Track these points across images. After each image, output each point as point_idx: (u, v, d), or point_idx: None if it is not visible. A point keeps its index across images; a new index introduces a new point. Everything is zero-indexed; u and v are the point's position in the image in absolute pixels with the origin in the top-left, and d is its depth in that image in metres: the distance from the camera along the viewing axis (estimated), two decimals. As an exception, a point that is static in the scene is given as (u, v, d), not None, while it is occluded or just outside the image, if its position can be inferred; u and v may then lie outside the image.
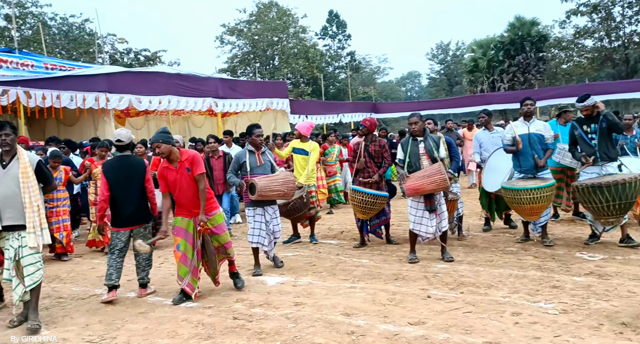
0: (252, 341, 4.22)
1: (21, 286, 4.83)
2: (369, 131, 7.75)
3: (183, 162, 5.37)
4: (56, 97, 14.51)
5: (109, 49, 34.28)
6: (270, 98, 19.90)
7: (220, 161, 9.21)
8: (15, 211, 4.75)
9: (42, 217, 4.83)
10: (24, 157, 4.87)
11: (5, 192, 4.74)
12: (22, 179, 4.77)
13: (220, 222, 5.59)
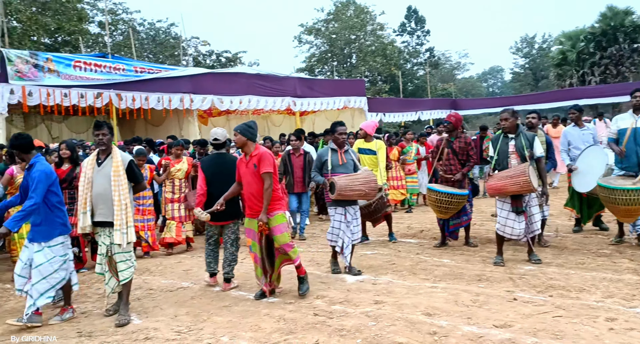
0: (333, 337, 4.22)
1: (114, 280, 5.07)
2: (454, 127, 7.44)
3: (253, 157, 5.32)
4: (145, 99, 15.27)
5: (193, 52, 35.63)
6: (347, 96, 19.92)
7: (301, 159, 9.03)
8: (106, 208, 4.94)
9: (129, 215, 4.97)
10: (117, 157, 5.04)
11: (99, 190, 4.95)
12: (114, 178, 4.94)
13: (278, 222, 5.35)
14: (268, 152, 5.37)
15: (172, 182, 8.40)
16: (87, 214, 4.95)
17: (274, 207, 5.36)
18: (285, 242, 5.35)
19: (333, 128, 6.43)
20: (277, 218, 5.36)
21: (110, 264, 5.05)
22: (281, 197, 5.51)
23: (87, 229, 4.99)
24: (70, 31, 24.70)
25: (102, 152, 5.09)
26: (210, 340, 4.30)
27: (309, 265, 6.93)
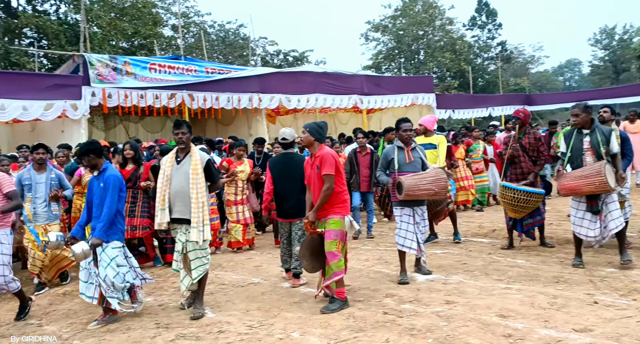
0: (403, 336, 4.16)
1: (188, 278, 5.11)
2: (523, 123, 7.16)
3: (316, 158, 5.19)
4: (215, 99, 15.68)
5: (261, 52, 36.28)
6: (415, 93, 19.64)
7: (367, 158, 8.88)
8: (183, 205, 5.01)
9: (205, 214, 5.01)
10: (196, 155, 5.11)
11: (177, 187, 5.04)
12: (192, 176, 5.00)
13: (332, 227, 5.06)
14: (331, 154, 5.16)
15: (235, 183, 8.25)
16: (166, 210, 5.05)
17: (332, 211, 5.12)
18: (330, 250, 5.02)
19: (397, 125, 6.20)
20: (332, 223, 5.08)
21: (185, 261, 5.10)
22: (345, 200, 5.22)
23: (164, 226, 5.09)
24: (146, 35, 25.75)
25: (181, 151, 5.19)
26: (281, 335, 4.35)
27: (377, 263, 6.89)
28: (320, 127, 5.33)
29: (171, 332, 4.60)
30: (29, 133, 15.34)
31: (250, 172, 8.36)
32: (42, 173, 6.50)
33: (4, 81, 12.57)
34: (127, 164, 7.28)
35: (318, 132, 5.28)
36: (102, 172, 5.10)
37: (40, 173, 6.52)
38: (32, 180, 6.46)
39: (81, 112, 13.41)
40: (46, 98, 12.89)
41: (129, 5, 26.93)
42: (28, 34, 23.69)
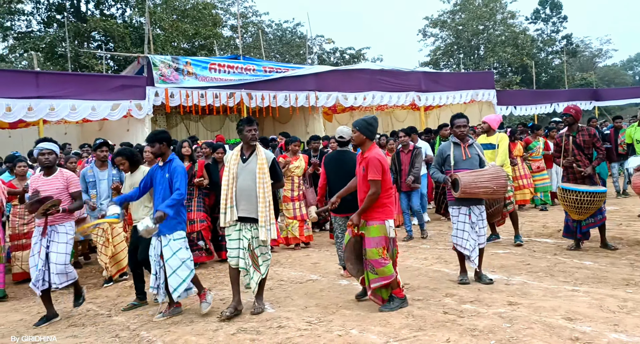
0: (464, 337, 4.08)
1: (257, 274, 5.02)
2: (574, 120, 6.84)
3: (364, 158, 5.04)
4: (273, 97, 15.88)
5: (317, 50, 36.44)
6: (475, 90, 19.23)
7: (409, 156, 8.64)
8: (249, 204, 4.96)
9: (271, 212, 5.00)
10: (262, 154, 5.07)
11: (243, 185, 4.98)
12: (259, 174, 4.97)
13: (372, 235, 4.93)
14: (378, 158, 4.96)
15: (291, 180, 8.34)
16: (234, 208, 4.98)
17: (371, 216, 4.97)
18: (373, 258, 4.89)
19: (451, 121, 5.99)
20: (373, 230, 4.95)
21: (253, 258, 5.04)
22: (385, 203, 5.02)
23: (230, 224, 5.01)
24: (206, 36, 26.36)
25: (246, 149, 5.13)
26: (340, 332, 4.35)
27: (436, 262, 6.79)
28: (369, 124, 5.12)
29: (232, 326, 4.69)
30: (97, 132, 16.02)
31: (305, 168, 8.44)
32: (104, 170, 6.81)
33: (74, 83, 13.19)
34: (183, 161, 7.46)
35: (369, 129, 5.10)
36: (167, 163, 5.18)
37: (103, 170, 6.84)
38: (96, 177, 6.77)
39: (145, 112, 13.90)
40: (113, 98, 13.45)
41: (190, 7, 27.64)
42: (96, 37, 24.73)
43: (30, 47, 22.94)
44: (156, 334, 4.68)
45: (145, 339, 4.59)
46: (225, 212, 5.00)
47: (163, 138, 5.23)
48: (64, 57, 21.71)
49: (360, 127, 5.08)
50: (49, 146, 5.51)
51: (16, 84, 12.27)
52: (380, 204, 4.97)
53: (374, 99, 17.18)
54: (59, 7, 24.77)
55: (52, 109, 12.53)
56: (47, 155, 5.45)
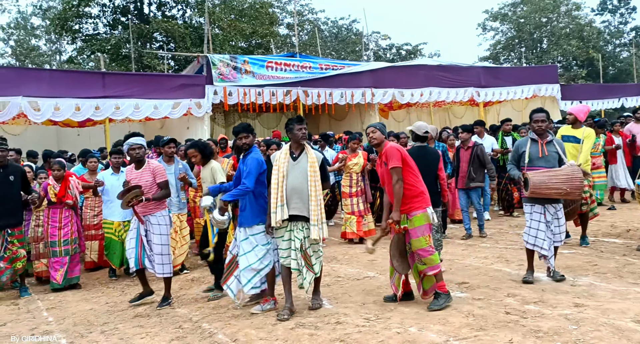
0: (528, 338, 3.96)
1: (310, 274, 4.97)
2: None
3: (382, 154, 5.07)
4: (329, 95, 15.92)
5: (373, 46, 36.24)
6: (537, 84, 18.61)
7: (469, 153, 8.45)
8: (300, 202, 4.93)
9: (322, 211, 4.99)
10: (311, 153, 5.07)
11: (294, 184, 4.95)
12: (310, 173, 4.95)
13: (417, 224, 4.93)
14: (395, 147, 5.06)
15: (350, 176, 8.43)
16: (285, 207, 4.93)
17: (413, 206, 4.97)
18: (421, 247, 4.90)
19: (530, 116, 5.72)
20: (417, 219, 4.94)
21: (305, 257, 4.99)
22: (421, 192, 5.03)
23: (280, 223, 4.96)
24: (263, 34, 26.69)
25: (295, 147, 5.10)
26: (399, 329, 4.31)
27: (497, 261, 6.62)
28: (383, 125, 5.28)
29: (291, 321, 4.74)
30: (159, 130, 16.55)
31: (364, 165, 8.45)
32: (170, 165, 7.10)
33: (138, 83, 13.67)
34: None
35: (385, 131, 5.24)
36: (247, 155, 5.30)
37: (170, 165, 7.14)
38: None
39: (204, 110, 14.24)
40: (174, 97, 13.85)
41: (247, 6, 28.05)
42: (158, 38, 25.49)
43: (96, 49, 23.89)
44: (217, 326, 4.79)
45: (207, 331, 4.70)
46: (275, 212, 4.93)
47: (249, 129, 5.45)
48: (128, 58, 22.52)
49: (380, 127, 5.16)
50: (138, 140, 5.77)
51: (84, 84, 12.83)
52: (417, 193, 5.00)
53: (431, 95, 16.93)
54: (123, 9, 25.69)
55: (117, 108, 13.04)
56: (137, 149, 5.74)
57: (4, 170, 6.47)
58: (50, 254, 6.84)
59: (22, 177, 6.65)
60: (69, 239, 6.90)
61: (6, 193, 6.39)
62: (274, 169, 5.05)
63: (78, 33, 25.57)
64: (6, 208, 6.38)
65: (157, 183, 5.72)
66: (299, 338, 4.33)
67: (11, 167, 6.59)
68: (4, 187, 6.40)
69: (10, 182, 6.46)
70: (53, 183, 6.92)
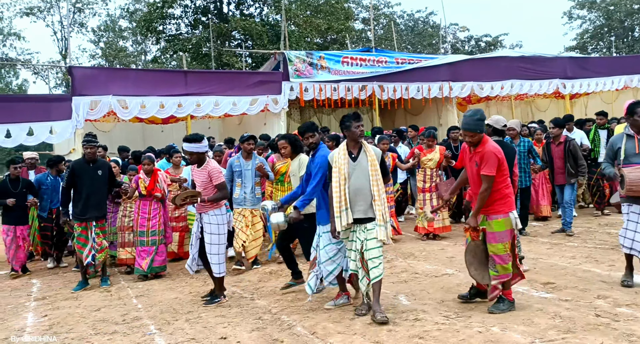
0: (620, 342, 3.73)
1: (366, 279, 4.76)
2: None
3: (476, 152, 4.71)
4: (405, 89, 15.72)
5: (451, 39, 35.39)
6: (629, 75, 17.50)
7: (561, 148, 8.11)
8: (364, 203, 4.72)
9: (387, 210, 4.79)
10: (371, 150, 4.84)
11: (357, 185, 4.73)
12: (371, 172, 4.74)
13: (497, 229, 4.63)
14: (494, 152, 4.60)
15: (424, 171, 8.38)
16: (349, 211, 4.69)
17: (496, 209, 4.65)
18: (498, 253, 4.60)
19: (632, 109, 5.18)
20: (497, 224, 4.63)
21: (363, 260, 4.76)
22: (507, 195, 4.68)
23: (345, 228, 4.74)
24: (338, 30, 26.74)
25: (352, 146, 4.85)
26: (480, 329, 4.19)
27: (586, 262, 6.29)
28: (479, 119, 4.70)
29: (369, 315, 4.71)
30: (237, 126, 16.99)
31: (440, 160, 8.30)
32: (249, 161, 7.24)
33: (217, 80, 14.08)
34: None
35: (477, 124, 4.69)
36: (315, 154, 5.36)
37: (248, 161, 7.27)
38: (242, 167, 7.24)
39: (281, 106, 14.46)
40: (251, 94, 14.17)
41: (323, 2, 28.19)
42: (236, 36, 26.14)
43: (179, 49, 24.85)
44: (295, 319, 4.86)
45: (286, 323, 4.77)
46: (339, 216, 4.69)
47: (311, 128, 5.48)
48: (208, 57, 23.26)
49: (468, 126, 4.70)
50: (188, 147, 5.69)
51: (168, 83, 13.38)
52: (502, 195, 4.67)
53: (513, 88, 16.33)
54: (204, 9, 26.54)
55: (198, 105, 13.50)
56: (189, 155, 5.80)
57: (93, 165, 6.81)
58: (138, 243, 7.16)
59: (109, 172, 7.00)
60: (157, 230, 7.20)
61: (94, 187, 6.75)
62: (334, 171, 4.81)
63: (162, 34, 26.68)
64: (94, 201, 6.73)
65: (215, 185, 5.66)
66: (377, 333, 4.30)
67: (99, 162, 6.95)
68: (93, 181, 6.75)
69: (98, 177, 6.81)
70: (143, 177, 7.24)
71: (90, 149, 6.77)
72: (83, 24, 32.92)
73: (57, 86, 32.10)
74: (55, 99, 13.45)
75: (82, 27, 32.99)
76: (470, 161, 4.81)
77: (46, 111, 12.11)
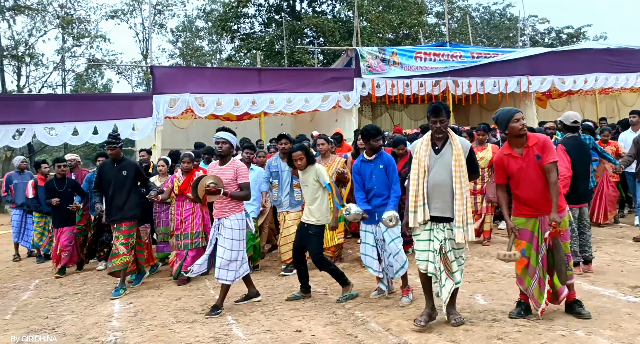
0: None
1: (450, 282, 4.34)
2: None
3: (531, 147, 4.36)
4: (480, 84, 15.33)
5: (529, 31, 34.09)
6: None
7: None
8: (442, 201, 4.36)
9: (469, 211, 4.36)
10: (456, 143, 4.41)
11: (436, 180, 4.38)
12: (455, 168, 4.32)
13: (565, 227, 4.44)
14: (548, 138, 4.47)
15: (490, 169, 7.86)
16: (425, 207, 4.37)
17: (562, 206, 4.42)
18: (566, 252, 4.45)
19: None
20: (563, 221, 4.39)
21: (445, 262, 4.38)
22: (560, 192, 4.43)
23: (420, 224, 4.43)
24: (411, 25, 26.39)
25: (437, 139, 4.46)
26: (564, 332, 4.01)
27: (680, 266, 5.89)
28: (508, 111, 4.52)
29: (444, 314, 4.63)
30: (308, 123, 17.15)
31: (491, 160, 7.83)
32: (286, 161, 6.68)
33: (290, 77, 14.29)
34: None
35: None
36: (379, 157, 5.26)
37: (285, 162, 6.78)
38: (279, 168, 6.95)
39: (352, 102, 14.48)
40: (323, 90, 14.27)
41: (395, -3, 27.94)
42: (308, 34, 26.37)
43: (252, 47, 25.37)
44: (369, 315, 4.84)
45: (360, 318, 4.77)
46: (415, 211, 4.41)
47: (380, 132, 5.36)
48: (281, 54, 23.61)
49: None
50: (224, 135, 5.48)
51: (242, 80, 13.71)
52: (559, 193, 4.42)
53: (597, 82, 15.58)
54: (277, 8, 26.95)
55: (272, 102, 13.75)
56: (221, 144, 5.46)
57: (117, 165, 6.50)
58: (175, 246, 6.86)
59: (135, 172, 6.58)
60: (189, 233, 6.79)
61: (118, 187, 6.41)
62: (413, 163, 4.51)
63: (236, 33, 27.33)
64: (118, 202, 6.39)
65: (239, 184, 5.39)
66: (453, 332, 4.22)
67: (125, 163, 6.57)
68: (117, 181, 6.42)
69: (123, 177, 6.45)
70: (179, 176, 6.88)
71: (112, 150, 6.48)
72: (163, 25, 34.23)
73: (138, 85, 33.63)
74: (137, 97, 14.11)
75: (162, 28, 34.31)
76: (524, 161, 4.38)
77: (129, 108, 12.74)
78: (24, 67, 26.22)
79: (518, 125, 4.36)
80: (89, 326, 5.12)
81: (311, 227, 5.55)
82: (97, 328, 5.05)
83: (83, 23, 27.75)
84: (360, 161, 5.42)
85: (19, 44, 25.93)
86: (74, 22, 26.89)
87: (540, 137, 4.44)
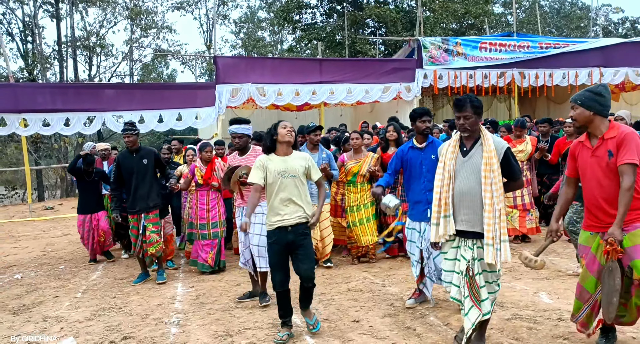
0: None
1: (476, 311, 3.59)
2: None
3: (606, 140, 3.51)
4: (548, 76, 14.81)
5: (602, 21, 32.51)
6: None
7: None
8: (472, 213, 3.62)
9: (503, 225, 3.54)
10: (489, 143, 3.61)
11: (462, 187, 3.65)
12: (485, 173, 3.54)
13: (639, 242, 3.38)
14: (635, 134, 3.46)
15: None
16: (450, 218, 3.68)
17: (634, 218, 3.43)
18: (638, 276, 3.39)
19: None
20: (639, 235, 3.39)
21: (472, 286, 3.62)
22: None
23: (442, 239, 3.75)
24: (476, 14, 25.69)
25: (466, 139, 3.72)
26: (635, 335, 3.81)
27: None
28: (597, 93, 3.57)
29: (507, 311, 4.52)
30: (368, 114, 17.07)
31: (531, 152, 7.51)
32: (315, 153, 6.64)
33: (351, 68, 14.24)
34: (389, 148, 6.86)
35: (597, 102, 3.54)
36: (430, 145, 4.82)
37: (314, 153, 6.65)
38: None
39: (413, 94, 14.31)
40: (384, 81, 14.16)
41: (461, -14, 27.26)
42: (370, 24, 26.16)
43: (314, 37, 25.43)
44: (428, 308, 4.79)
45: (419, 311, 4.72)
46: (438, 223, 3.73)
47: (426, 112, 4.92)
48: (342, 45, 23.54)
49: (583, 100, 3.57)
50: (239, 129, 5.37)
51: (303, 71, 13.80)
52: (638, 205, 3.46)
53: (675, 74, 14.68)
54: (339, -2, 26.92)
55: (332, 92, 13.77)
56: (238, 139, 5.40)
57: (136, 154, 6.37)
58: (199, 237, 6.64)
59: (155, 160, 6.45)
60: (217, 221, 6.66)
61: (140, 177, 6.31)
62: (438, 167, 3.81)
63: (298, 23, 27.47)
64: (142, 192, 6.30)
65: None
66: (516, 329, 4.11)
67: (144, 151, 6.43)
68: (139, 171, 6.31)
69: (144, 166, 6.34)
70: (200, 165, 6.68)
71: (128, 138, 6.31)
72: (226, 16, 34.83)
73: (201, 75, 34.43)
74: (201, 86, 14.48)
75: (225, 19, 34.92)
76: (593, 155, 3.57)
77: (192, 98, 13.08)
78: (95, 57, 27.33)
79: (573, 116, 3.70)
80: (154, 307, 5.31)
81: None
82: (160, 309, 5.23)
83: (150, 14, 28.63)
84: (408, 147, 4.93)
85: (91, 34, 27.03)
86: (142, 14, 27.78)
87: (624, 130, 3.48)
